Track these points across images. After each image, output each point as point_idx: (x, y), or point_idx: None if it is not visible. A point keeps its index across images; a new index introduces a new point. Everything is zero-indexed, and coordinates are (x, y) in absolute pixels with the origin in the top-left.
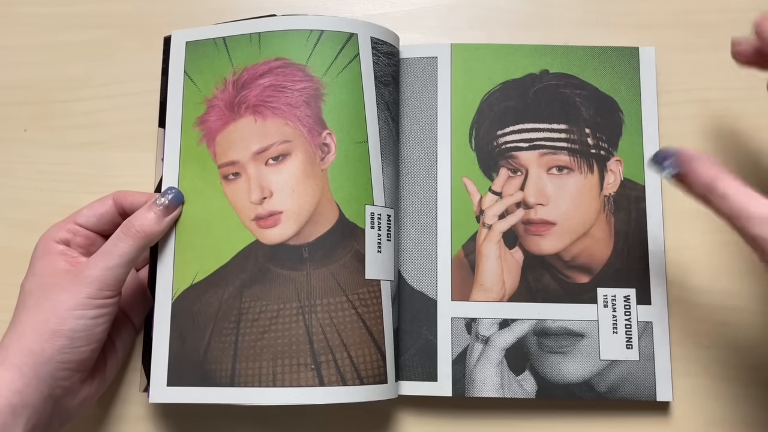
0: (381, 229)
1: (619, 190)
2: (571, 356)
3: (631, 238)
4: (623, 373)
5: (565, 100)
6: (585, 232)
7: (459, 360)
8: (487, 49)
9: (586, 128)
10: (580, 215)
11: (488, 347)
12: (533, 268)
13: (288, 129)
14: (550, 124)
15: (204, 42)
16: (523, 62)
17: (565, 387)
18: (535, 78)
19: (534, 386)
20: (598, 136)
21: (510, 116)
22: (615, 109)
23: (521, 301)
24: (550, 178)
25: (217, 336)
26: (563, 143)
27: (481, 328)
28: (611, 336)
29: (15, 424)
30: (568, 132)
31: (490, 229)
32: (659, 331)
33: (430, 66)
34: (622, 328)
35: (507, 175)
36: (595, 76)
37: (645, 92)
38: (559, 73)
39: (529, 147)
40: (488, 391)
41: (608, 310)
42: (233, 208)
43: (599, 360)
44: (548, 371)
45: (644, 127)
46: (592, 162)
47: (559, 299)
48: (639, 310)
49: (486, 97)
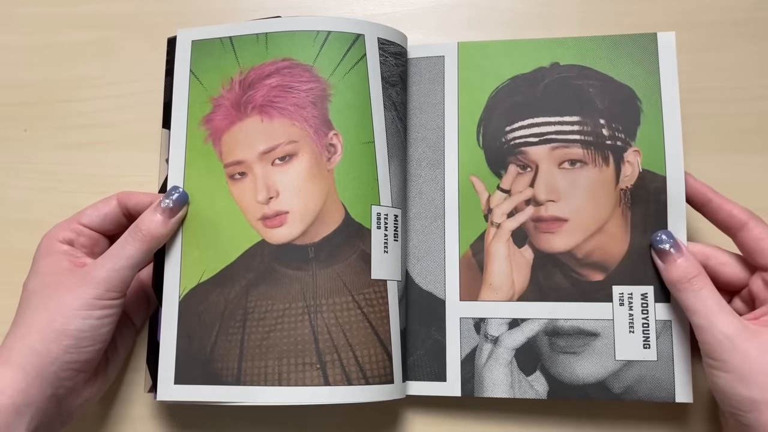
0: (388, 230)
1: (637, 182)
2: (584, 356)
3: (650, 233)
4: (640, 374)
5: (578, 92)
6: (599, 228)
7: (468, 360)
8: (494, 46)
9: (600, 119)
10: (593, 211)
11: (497, 347)
12: (544, 267)
13: (295, 129)
14: (561, 116)
15: (210, 41)
16: (532, 57)
17: (578, 388)
18: (546, 71)
19: (545, 387)
20: (614, 126)
21: (519, 111)
22: (632, 98)
23: (531, 300)
24: (562, 173)
25: (224, 335)
26: (576, 135)
27: (490, 328)
28: (627, 335)
29: (18, 423)
30: (581, 124)
31: (499, 228)
32: (679, 330)
33: (438, 65)
34: (639, 327)
35: (516, 172)
36: (610, 66)
37: (665, 78)
38: (571, 65)
39: (539, 141)
40: (498, 391)
41: (624, 308)
42: (239, 208)
43: (614, 360)
44: (560, 372)
45: (665, 115)
46: (608, 153)
47: (572, 298)
48: (657, 308)
49: (494, 94)
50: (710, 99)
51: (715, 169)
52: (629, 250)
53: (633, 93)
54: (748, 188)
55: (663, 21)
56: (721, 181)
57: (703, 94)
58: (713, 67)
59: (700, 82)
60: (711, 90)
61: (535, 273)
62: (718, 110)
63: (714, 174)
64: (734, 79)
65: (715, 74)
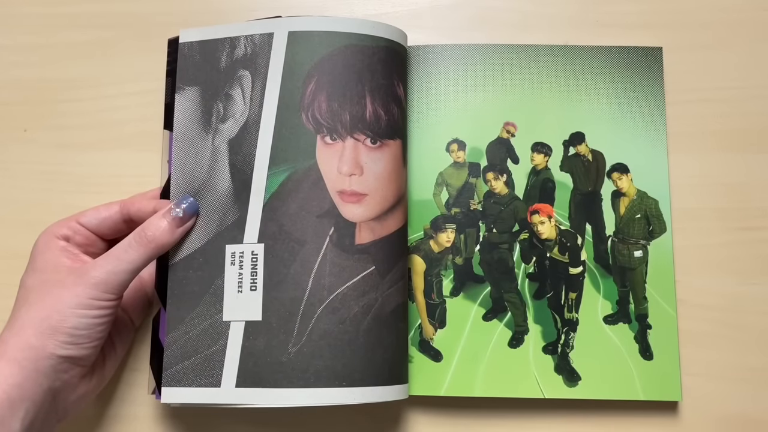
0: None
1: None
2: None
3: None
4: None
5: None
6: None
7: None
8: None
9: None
10: None
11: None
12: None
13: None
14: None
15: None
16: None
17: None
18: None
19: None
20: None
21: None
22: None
23: None
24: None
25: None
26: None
27: None
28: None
29: (13, 417)
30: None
31: None
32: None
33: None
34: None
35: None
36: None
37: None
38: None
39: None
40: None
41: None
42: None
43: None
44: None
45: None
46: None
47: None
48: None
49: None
50: (710, 99)
51: (716, 168)
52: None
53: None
54: (748, 188)
55: (663, 21)
56: (722, 181)
57: (702, 94)
58: (712, 67)
59: (699, 82)
60: (711, 90)
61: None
62: (717, 110)
63: (714, 174)
64: (734, 79)
65: (714, 74)
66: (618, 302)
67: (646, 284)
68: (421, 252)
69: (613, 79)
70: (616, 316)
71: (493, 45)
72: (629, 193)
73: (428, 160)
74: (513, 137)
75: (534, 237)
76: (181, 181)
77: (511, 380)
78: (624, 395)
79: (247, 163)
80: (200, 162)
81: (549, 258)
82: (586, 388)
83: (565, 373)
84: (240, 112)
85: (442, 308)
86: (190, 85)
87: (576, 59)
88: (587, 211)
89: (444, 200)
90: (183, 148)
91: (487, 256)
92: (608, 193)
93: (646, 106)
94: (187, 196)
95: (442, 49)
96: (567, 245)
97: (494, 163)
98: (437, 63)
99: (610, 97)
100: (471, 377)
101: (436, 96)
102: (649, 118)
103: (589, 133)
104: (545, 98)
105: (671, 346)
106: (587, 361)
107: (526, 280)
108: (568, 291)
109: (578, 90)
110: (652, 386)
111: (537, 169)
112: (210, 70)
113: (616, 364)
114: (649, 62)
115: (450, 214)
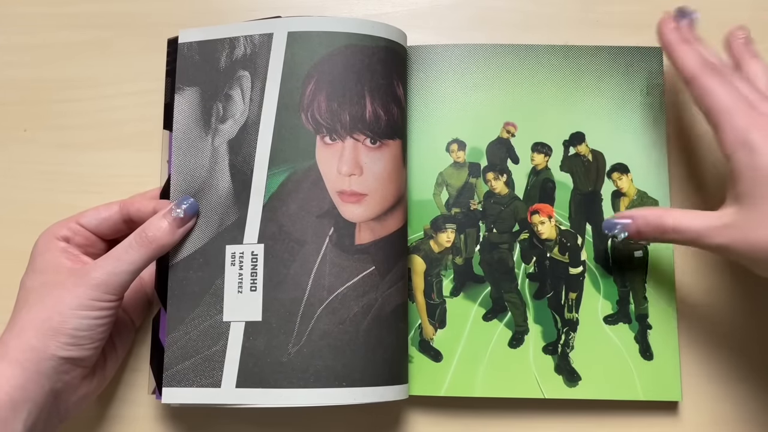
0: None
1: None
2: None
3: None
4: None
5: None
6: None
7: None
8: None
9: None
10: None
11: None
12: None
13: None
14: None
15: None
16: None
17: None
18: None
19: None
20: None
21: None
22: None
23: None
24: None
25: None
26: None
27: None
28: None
29: (15, 419)
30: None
31: None
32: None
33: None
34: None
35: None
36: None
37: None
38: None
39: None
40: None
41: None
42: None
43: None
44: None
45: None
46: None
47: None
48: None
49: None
50: None
51: (716, 168)
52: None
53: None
54: None
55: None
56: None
57: None
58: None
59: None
60: None
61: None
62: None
63: (714, 174)
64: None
65: None
66: (618, 302)
67: (646, 284)
68: (421, 252)
69: (613, 79)
70: (616, 316)
71: (493, 45)
72: (629, 193)
73: (428, 160)
74: (513, 137)
75: (534, 237)
76: (181, 181)
77: (511, 380)
78: (624, 395)
79: (247, 164)
80: (200, 162)
81: (549, 258)
82: (586, 388)
83: (565, 373)
84: (240, 112)
85: (442, 308)
86: (190, 85)
87: (576, 59)
88: (587, 211)
89: (444, 200)
90: (183, 148)
91: (487, 256)
92: (608, 193)
93: (647, 106)
94: (188, 196)
95: (442, 49)
96: (567, 245)
97: (494, 163)
98: (437, 63)
99: (611, 97)
100: (471, 377)
101: (436, 96)
102: (650, 118)
103: (590, 133)
104: (545, 98)
105: (671, 346)
106: (587, 361)
107: (526, 280)
108: (568, 291)
109: (578, 90)
110: (652, 386)
111: (537, 169)
112: (209, 71)
113: (616, 364)
114: (649, 62)
115: (450, 214)
